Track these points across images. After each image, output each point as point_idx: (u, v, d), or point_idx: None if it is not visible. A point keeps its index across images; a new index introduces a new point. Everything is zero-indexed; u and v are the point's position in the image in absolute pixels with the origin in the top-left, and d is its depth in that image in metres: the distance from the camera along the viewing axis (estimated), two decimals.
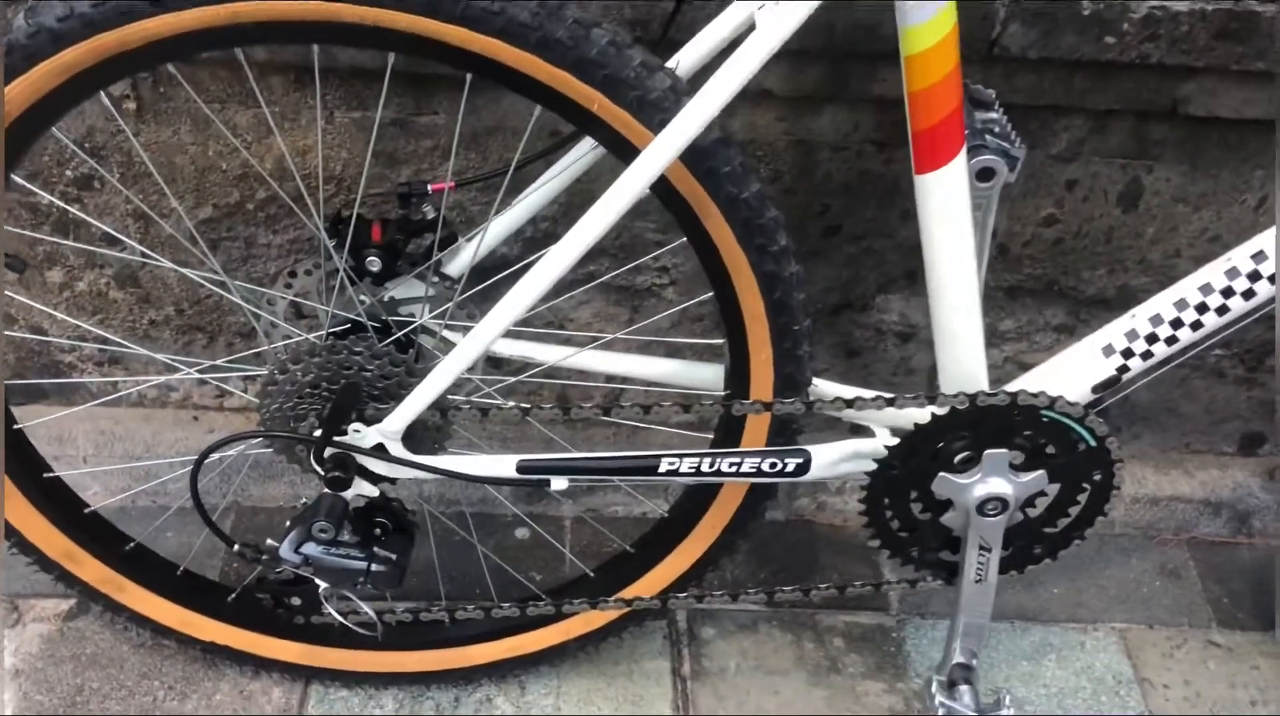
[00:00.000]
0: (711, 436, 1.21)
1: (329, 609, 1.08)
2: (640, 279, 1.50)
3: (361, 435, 1.05)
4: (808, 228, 1.43)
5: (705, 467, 1.11)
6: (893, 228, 1.43)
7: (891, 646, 1.47)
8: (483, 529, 1.55)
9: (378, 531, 1.12)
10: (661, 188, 1.01)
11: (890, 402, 1.08)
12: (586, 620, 1.31)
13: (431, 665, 1.34)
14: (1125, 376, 1.13)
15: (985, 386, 1.10)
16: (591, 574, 1.32)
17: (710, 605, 1.37)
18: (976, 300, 1.10)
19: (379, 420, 1.05)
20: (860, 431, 1.17)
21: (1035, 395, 1.08)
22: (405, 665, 1.34)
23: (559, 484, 1.10)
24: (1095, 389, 1.13)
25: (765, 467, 1.12)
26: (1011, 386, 1.10)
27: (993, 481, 1.13)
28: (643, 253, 1.48)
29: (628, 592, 1.28)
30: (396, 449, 1.06)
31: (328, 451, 1.04)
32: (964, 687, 1.23)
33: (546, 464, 1.09)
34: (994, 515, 1.14)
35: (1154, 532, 1.62)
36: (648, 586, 1.28)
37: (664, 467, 1.11)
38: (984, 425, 1.10)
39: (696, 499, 1.24)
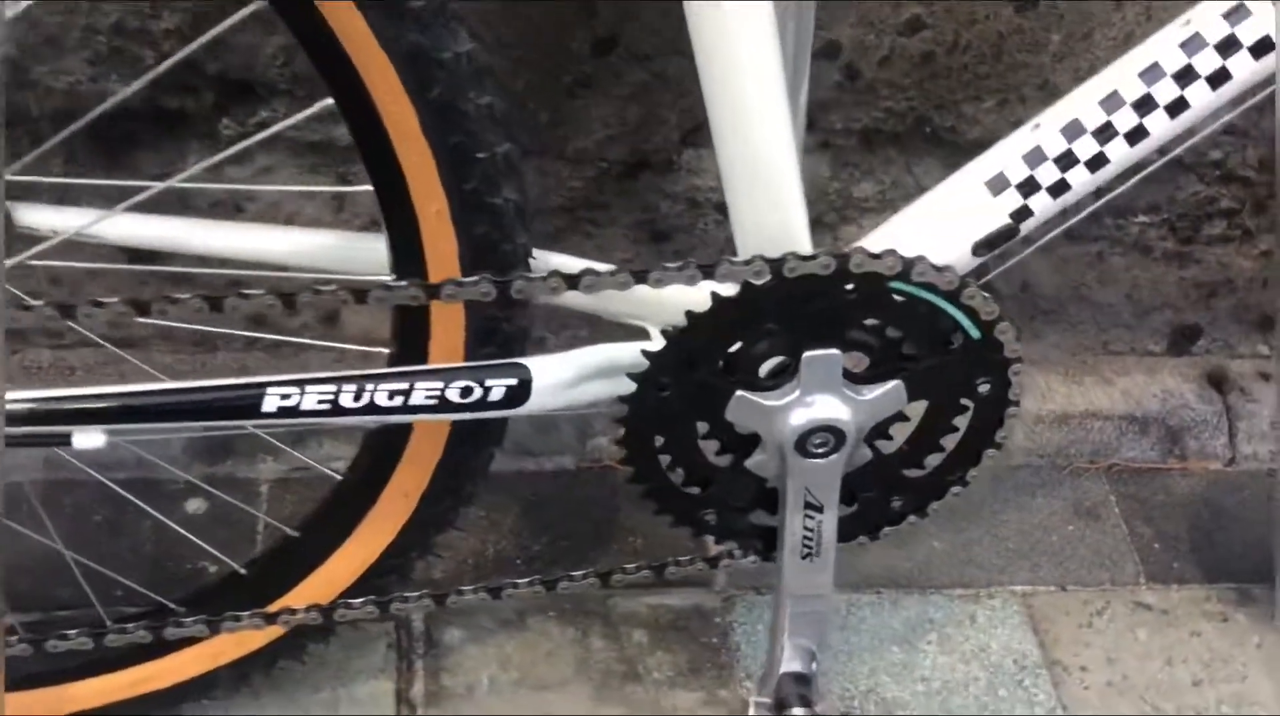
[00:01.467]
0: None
1: None
2: (341, 131, 1.04)
3: None
4: (568, 43, 0.98)
5: (349, 400, 0.67)
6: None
7: (714, 636, 1.06)
8: (144, 499, 1.09)
9: None
10: None
11: (640, 278, 0.65)
12: (241, 640, 0.87)
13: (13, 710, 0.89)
14: (1025, 225, 0.72)
15: (804, 247, 0.68)
16: (243, 571, 0.88)
17: (449, 601, 0.92)
18: (784, 111, 0.67)
19: None
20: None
21: (879, 257, 0.66)
22: None
23: (88, 439, 0.65)
24: (979, 247, 0.71)
25: (454, 396, 0.69)
26: (846, 249, 0.68)
27: (819, 401, 0.70)
28: None
29: (290, 598, 0.85)
30: None
31: None
32: (798, 712, 0.82)
33: (56, 405, 0.64)
34: (823, 454, 0.72)
35: (1064, 461, 1.24)
36: (320, 587, 0.84)
37: (273, 403, 0.66)
38: (799, 310, 0.67)
39: (379, 453, 0.80)
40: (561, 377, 0.70)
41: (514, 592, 0.80)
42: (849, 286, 0.66)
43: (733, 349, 0.70)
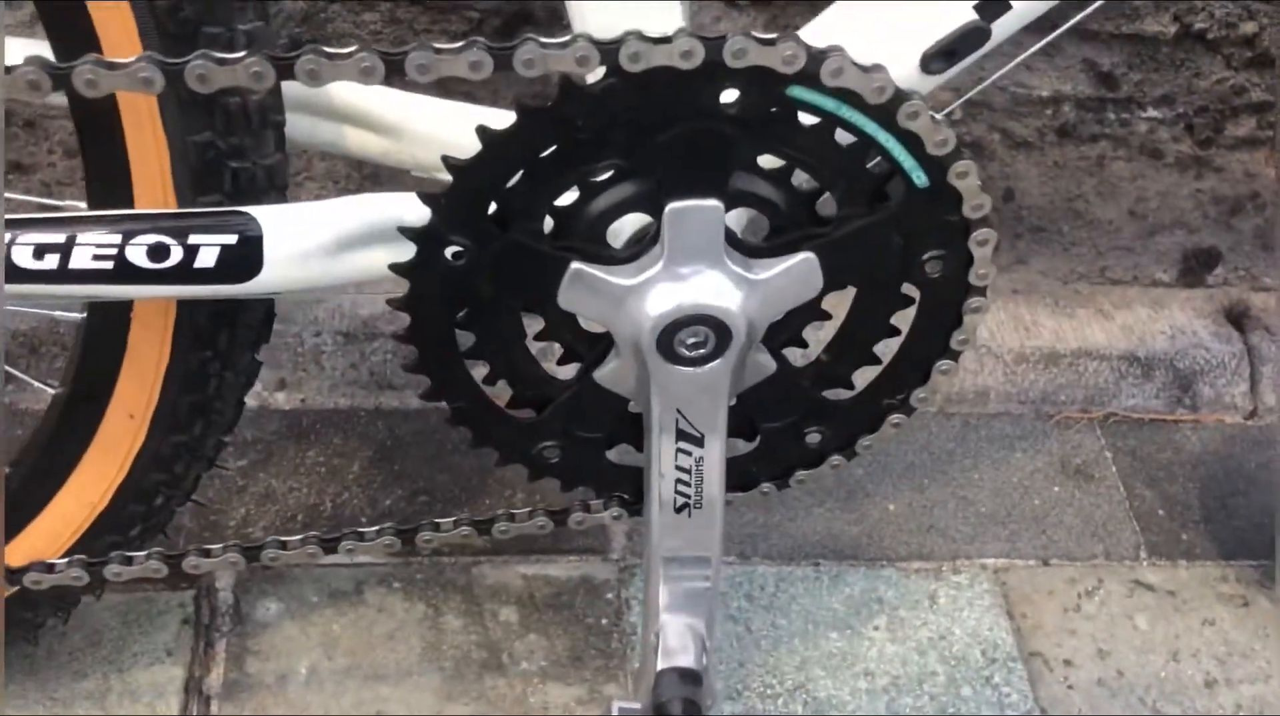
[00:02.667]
0: None
1: None
2: None
3: None
4: None
5: None
6: None
7: (604, 615, 0.84)
8: None
9: None
10: None
11: (393, 66, 0.42)
12: None
13: None
14: (998, 27, 0.49)
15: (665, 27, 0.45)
16: None
17: (185, 564, 0.65)
18: None
19: None
20: None
21: (769, 42, 0.43)
22: None
23: None
24: (932, 59, 0.49)
25: (138, 259, 0.46)
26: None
27: (691, 279, 0.48)
28: None
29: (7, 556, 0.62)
30: None
31: None
32: None
33: None
34: (700, 358, 0.50)
35: (1050, 408, 1.02)
36: (42, 542, 0.61)
37: None
38: (656, 134, 0.45)
39: (94, 358, 0.57)
40: (310, 238, 0.47)
41: (280, 555, 0.58)
42: (729, 95, 0.43)
43: (561, 198, 0.47)
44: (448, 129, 0.54)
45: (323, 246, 0.47)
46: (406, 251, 0.47)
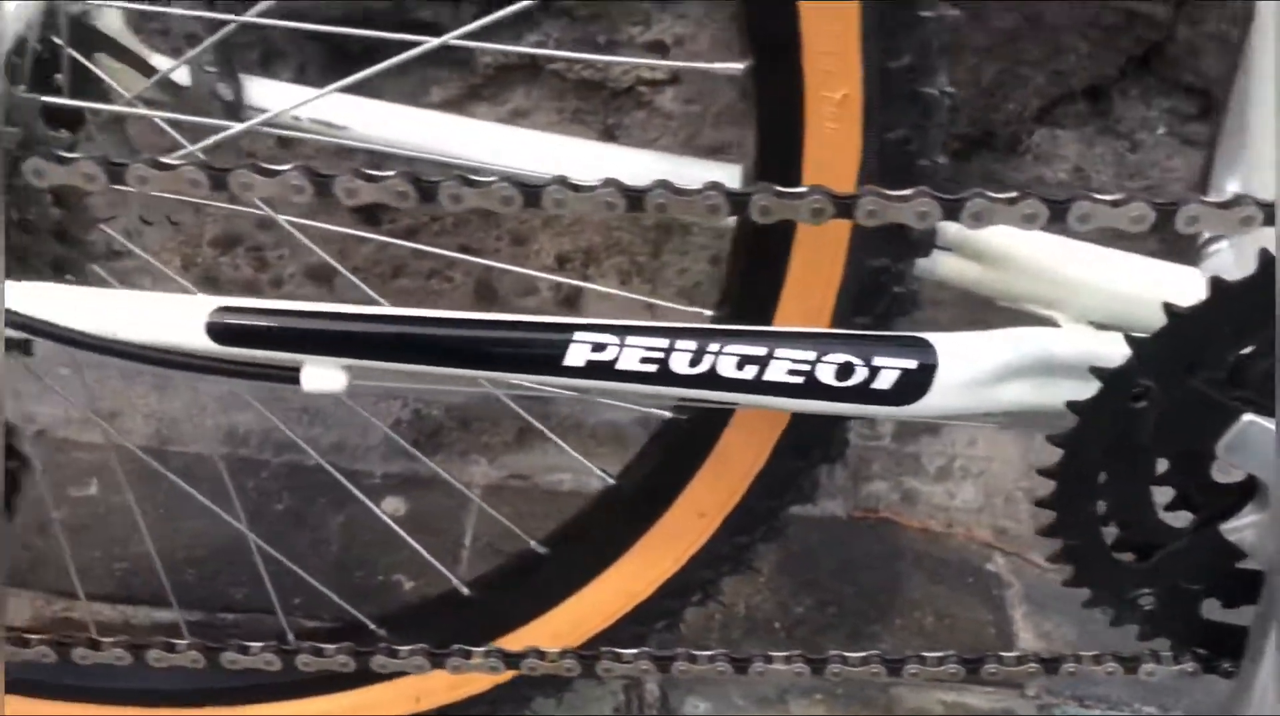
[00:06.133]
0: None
1: None
2: (619, 71, 0.85)
3: None
4: None
5: (682, 364, 0.46)
6: None
7: None
8: (329, 496, 0.92)
9: None
10: None
11: (1167, 214, 0.42)
12: (453, 683, 0.67)
13: None
14: None
15: None
16: (466, 591, 0.68)
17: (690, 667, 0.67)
18: None
19: None
20: None
21: None
22: None
23: (323, 379, 0.45)
24: None
25: (825, 376, 0.47)
26: None
27: None
28: (623, 18, 0.83)
29: (527, 634, 0.64)
30: None
31: None
32: None
33: (281, 323, 0.45)
34: None
35: None
36: (567, 625, 0.63)
37: (579, 355, 0.45)
38: None
39: (673, 453, 0.58)
40: (980, 366, 0.47)
41: (766, 669, 0.57)
42: None
43: (1245, 347, 0.46)
44: (1053, 261, 0.54)
45: (990, 374, 0.48)
46: (1085, 388, 0.46)
